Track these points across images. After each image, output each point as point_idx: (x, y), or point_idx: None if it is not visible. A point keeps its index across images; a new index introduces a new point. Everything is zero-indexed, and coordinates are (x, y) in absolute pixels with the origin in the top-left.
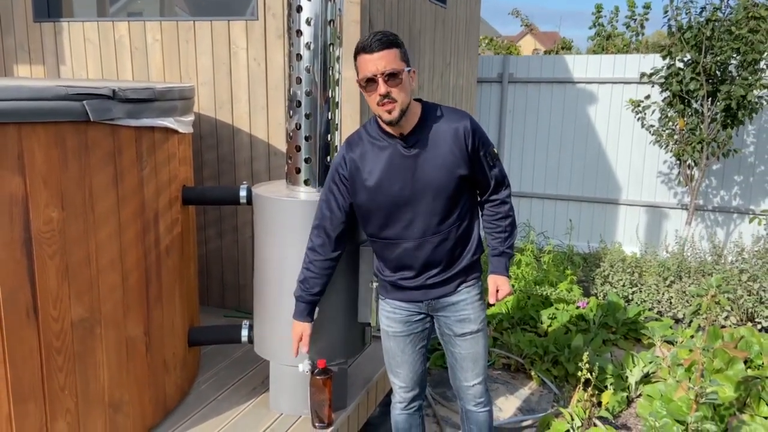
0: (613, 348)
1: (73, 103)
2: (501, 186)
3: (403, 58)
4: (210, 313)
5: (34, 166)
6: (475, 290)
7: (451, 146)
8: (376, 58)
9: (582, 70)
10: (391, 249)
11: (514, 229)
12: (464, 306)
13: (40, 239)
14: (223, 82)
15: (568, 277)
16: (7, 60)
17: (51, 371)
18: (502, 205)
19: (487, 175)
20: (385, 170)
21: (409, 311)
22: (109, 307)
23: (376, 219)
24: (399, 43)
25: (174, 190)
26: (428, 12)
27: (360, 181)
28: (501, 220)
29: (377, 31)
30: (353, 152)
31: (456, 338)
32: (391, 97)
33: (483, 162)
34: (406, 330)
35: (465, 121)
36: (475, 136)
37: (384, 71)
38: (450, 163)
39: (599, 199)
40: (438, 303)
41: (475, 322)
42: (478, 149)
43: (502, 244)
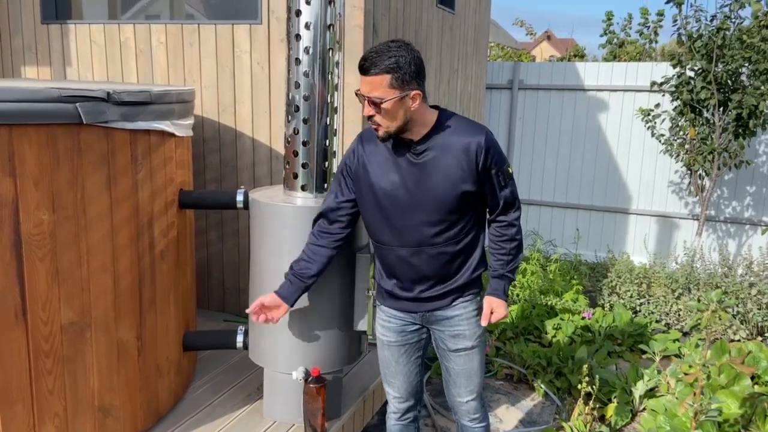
0: (618, 360)
1: (66, 105)
2: (511, 207)
3: (396, 84)
4: (210, 317)
5: (25, 168)
6: (471, 306)
7: (461, 160)
8: (365, 81)
9: (593, 78)
10: (386, 254)
11: (519, 252)
12: (459, 321)
13: (30, 241)
14: (227, 85)
15: (573, 286)
16: (15, 61)
17: (39, 374)
18: (510, 227)
19: (497, 195)
20: (391, 173)
21: (404, 321)
22: (100, 310)
23: (375, 221)
24: (394, 68)
25: (170, 194)
26: (435, 18)
27: (365, 179)
28: (506, 242)
29: (378, 49)
30: (364, 147)
31: (450, 353)
32: (374, 120)
33: (494, 180)
34: (401, 340)
35: (480, 136)
36: (489, 153)
37: (368, 96)
38: (456, 177)
39: (609, 208)
40: (432, 316)
41: (470, 338)
42: (489, 167)
43: (504, 266)
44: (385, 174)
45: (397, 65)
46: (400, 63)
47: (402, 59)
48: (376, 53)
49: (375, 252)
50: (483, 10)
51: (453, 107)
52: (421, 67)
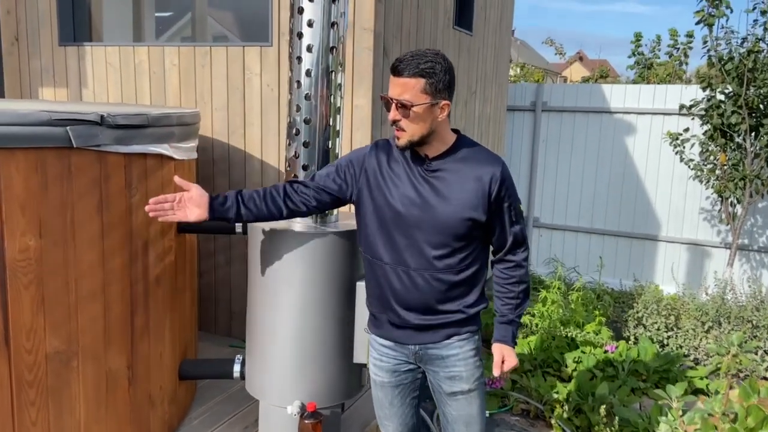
0: (642, 398)
1: (56, 128)
2: (519, 246)
3: (429, 90)
4: (217, 342)
5: (12, 193)
6: (468, 345)
7: (474, 187)
8: (396, 83)
9: (620, 100)
10: (380, 271)
11: (527, 296)
12: (455, 362)
13: (15, 268)
14: (237, 107)
15: (596, 317)
16: (33, 82)
17: (22, 405)
18: (517, 268)
19: (506, 230)
20: (401, 186)
21: (396, 360)
22: (88, 339)
23: (375, 233)
24: (430, 73)
25: None
26: (451, 40)
27: (372, 187)
28: (514, 285)
29: (415, 53)
30: (377, 155)
31: (446, 397)
32: (399, 125)
33: (505, 214)
34: (395, 380)
35: (496, 167)
36: (503, 185)
37: (398, 99)
38: (466, 202)
39: (636, 235)
40: (426, 354)
41: (468, 381)
42: (502, 199)
43: (513, 311)
44: (394, 186)
45: (433, 71)
46: (436, 69)
47: (438, 66)
48: (412, 56)
49: (367, 268)
50: (503, 31)
51: (470, 129)
52: (454, 80)
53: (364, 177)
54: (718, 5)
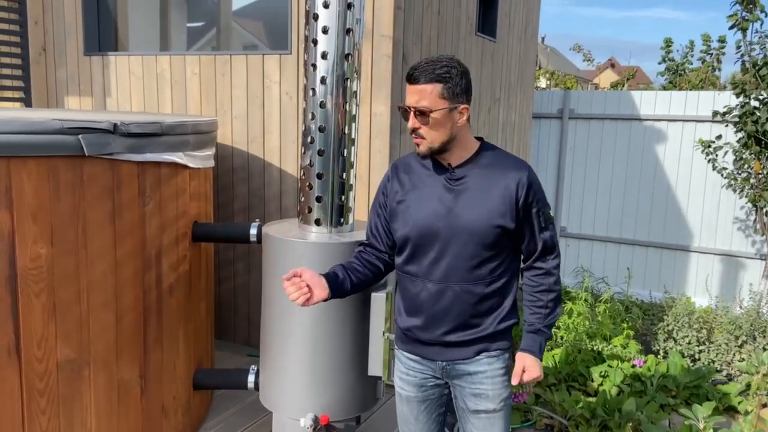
0: (672, 414)
1: (68, 137)
2: (550, 253)
3: (446, 95)
4: (235, 350)
5: (23, 201)
6: (498, 363)
7: (501, 193)
8: (413, 90)
9: (650, 107)
10: (411, 286)
11: (557, 305)
12: (482, 379)
13: (26, 276)
14: (256, 115)
15: (624, 330)
16: (59, 92)
17: (33, 414)
18: (547, 276)
19: (536, 236)
20: (424, 197)
21: (423, 374)
22: (99, 347)
23: (403, 247)
24: (446, 78)
25: (182, 227)
26: (474, 46)
27: (400, 208)
28: (543, 293)
29: (429, 59)
30: (399, 177)
31: (469, 414)
32: (418, 133)
33: (534, 220)
34: (421, 395)
35: (523, 171)
36: (531, 190)
37: (416, 107)
38: (493, 209)
39: (667, 245)
40: (453, 369)
41: (493, 400)
42: (530, 204)
43: (541, 320)
44: (421, 201)
45: (449, 75)
46: (452, 74)
47: (454, 70)
48: (426, 63)
49: (399, 283)
50: (529, 38)
51: (494, 137)
52: (470, 84)
53: (393, 200)
54: (752, 9)
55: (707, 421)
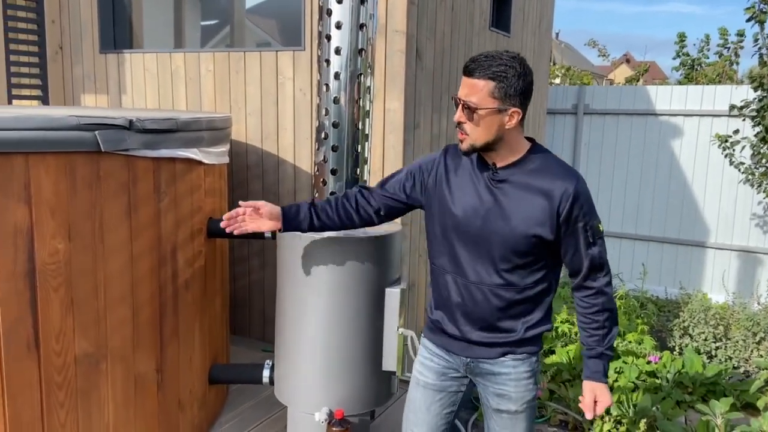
0: (688, 411)
1: (85, 133)
2: (599, 271)
3: (498, 94)
4: (250, 345)
5: (41, 197)
6: (523, 367)
7: (542, 202)
8: (465, 83)
9: (665, 102)
10: (441, 279)
11: (614, 324)
12: (506, 381)
13: (45, 271)
14: (270, 111)
15: (639, 327)
16: (75, 89)
17: (51, 407)
18: (599, 295)
19: (581, 252)
20: (467, 195)
21: (448, 364)
22: (117, 341)
23: (437, 241)
24: (501, 77)
25: (197, 223)
26: (488, 41)
27: (439, 195)
28: (598, 314)
29: (490, 53)
30: (446, 162)
31: (492, 412)
32: (463, 128)
33: (579, 235)
34: (440, 384)
35: (569, 182)
36: (576, 202)
37: (464, 100)
38: (531, 218)
39: (683, 241)
40: (477, 367)
41: (516, 402)
42: (576, 218)
43: (600, 343)
44: (461, 194)
45: (505, 75)
46: (509, 74)
47: (512, 71)
48: (486, 57)
49: (430, 275)
50: (543, 33)
51: None
52: (530, 88)
53: (433, 182)
54: None
55: (725, 416)
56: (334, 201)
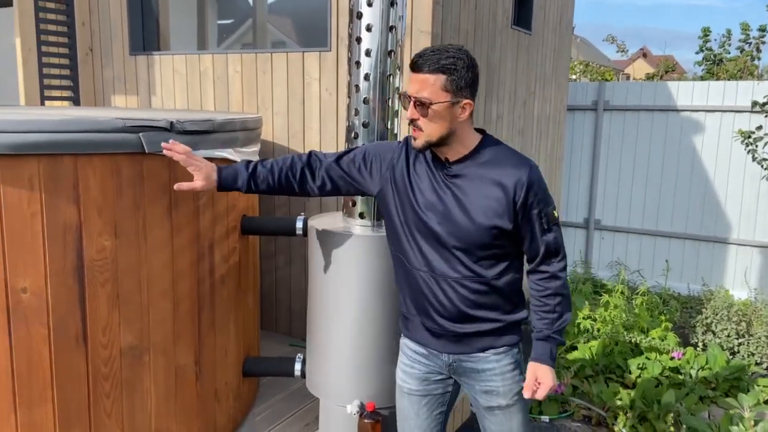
0: (711, 406)
1: (130, 135)
2: (553, 256)
3: (450, 87)
4: (278, 340)
5: (89, 196)
6: (506, 360)
7: (497, 193)
8: (415, 79)
9: (687, 98)
10: (409, 273)
11: (566, 310)
12: (491, 376)
13: (93, 267)
14: (296, 111)
15: (662, 323)
16: (105, 90)
17: (98, 397)
18: (553, 279)
19: (537, 239)
20: (423, 188)
21: (428, 369)
22: (159, 335)
23: (399, 232)
24: (451, 69)
25: (232, 220)
26: (510, 39)
27: (398, 183)
28: (549, 297)
29: (435, 48)
30: (408, 151)
31: (484, 411)
32: (416, 125)
33: (535, 222)
34: (423, 389)
35: (522, 170)
36: (531, 190)
37: (416, 96)
38: (489, 210)
39: (705, 238)
40: (460, 366)
41: (505, 396)
42: (530, 206)
43: (549, 326)
44: (418, 189)
45: (455, 67)
46: (458, 66)
47: (461, 62)
48: (433, 51)
49: (396, 266)
50: (564, 29)
51: (530, 130)
52: (477, 78)
53: (390, 173)
54: None
55: (753, 410)
56: (278, 172)
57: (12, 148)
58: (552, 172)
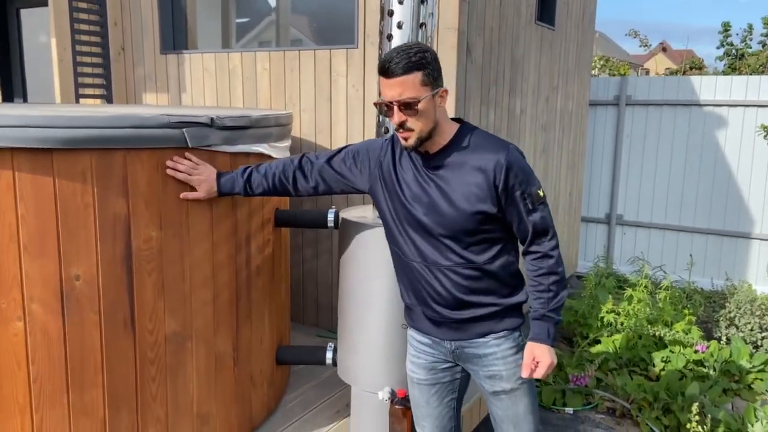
0: (734, 399)
1: (174, 130)
2: (542, 235)
3: (426, 80)
4: (304, 332)
5: (137, 189)
6: (507, 344)
7: (477, 178)
8: (393, 84)
9: (710, 92)
10: (405, 265)
11: (561, 289)
12: (493, 361)
13: (140, 256)
14: (324, 108)
15: (685, 317)
16: (137, 88)
17: (144, 381)
18: (545, 258)
19: (524, 219)
20: (409, 182)
21: (434, 358)
22: (200, 322)
23: (392, 226)
24: (423, 64)
25: (266, 213)
26: (533, 35)
27: (386, 179)
28: (543, 276)
29: (401, 48)
30: (395, 147)
31: (490, 396)
32: (406, 126)
33: (519, 203)
34: (432, 378)
35: (500, 154)
36: (510, 172)
37: (400, 100)
38: (472, 196)
39: (728, 232)
40: (462, 353)
41: (509, 380)
42: (512, 188)
43: (545, 305)
44: (405, 183)
45: (425, 60)
46: (427, 58)
47: (428, 54)
48: (398, 53)
49: (394, 259)
50: (587, 25)
51: (552, 125)
52: (440, 65)
53: (378, 170)
54: None
55: None
56: (271, 177)
57: (67, 142)
58: (574, 167)
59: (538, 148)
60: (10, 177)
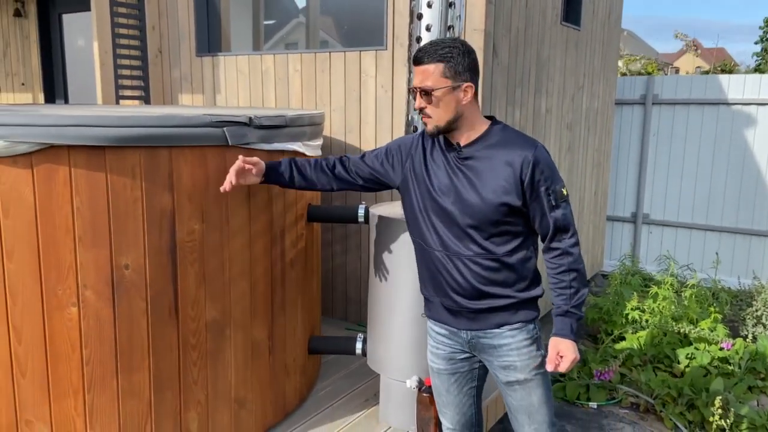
0: (760, 396)
1: (215, 129)
2: (563, 233)
3: (448, 73)
4: (334, 324)
5: (181, 184)
6: (521, 335)
7: (506, 172)
8: (418, 71)
9: (738, 91)
10: (427, 256)
11: (582, 285)
12: (507, 352)
13: (184, 248)
14: (353, 107)
15: (711, 314)
16: (174, 90)
17: (186, 365)
18: (565, 256)
19: (547, 215)
20: (438, 172)
21: (452, 348)
22: (238, 311)
23: (418, 217)
24: (447, 57)
25: (300, 208)
26: (559, 35)
27: (416, 171)
28: (564, 273)
29: (435, 41)
30: (425, 141)
31: (504, 386)
32: (425, 113)
33: (543, 199)
34: (451, 368)
35: (528, 150)
36: (537, 168)
37: (420, 86)
38: (498, 188)
39: (757, 232)
40: (478, 343)
41: (522, 371)
42: (538, 183)
43: (567, 302)
44: (434, 173)
45: (451, 55)
46: (453, 53)
47: (455, 50)
48: (431, 44)
49: (416, 251)
50: (613, 24)
51: (578, 124)
52: (476, 63)
53: (410, 163)
54: None
55: None
56: (314, 163)
57: (118, 140)
58: (600, 167)
59: (564, 147)
60: (66, 172)
